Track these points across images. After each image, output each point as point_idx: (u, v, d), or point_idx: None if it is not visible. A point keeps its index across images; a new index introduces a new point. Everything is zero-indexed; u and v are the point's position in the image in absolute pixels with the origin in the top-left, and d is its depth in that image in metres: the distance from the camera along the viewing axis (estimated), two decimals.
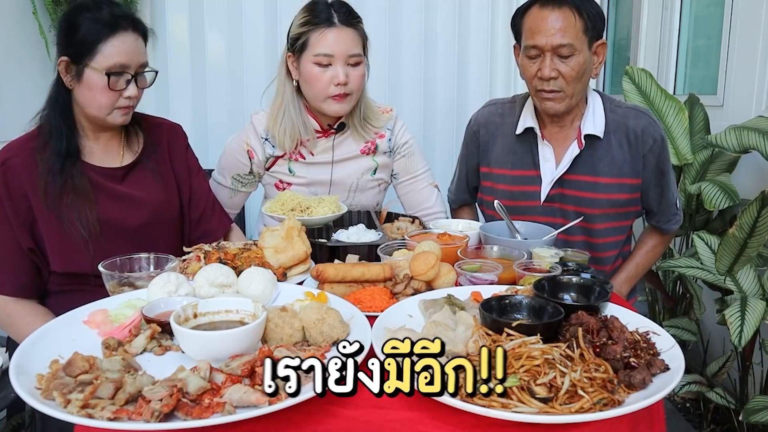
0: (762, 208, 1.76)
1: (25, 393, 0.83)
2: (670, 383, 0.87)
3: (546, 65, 1.58)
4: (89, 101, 1.45)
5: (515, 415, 0.80)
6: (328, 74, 1.70)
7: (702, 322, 2.54)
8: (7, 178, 1.42)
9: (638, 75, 2.41)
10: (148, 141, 1.61)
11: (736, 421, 2.14)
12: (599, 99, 1.73)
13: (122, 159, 1.56)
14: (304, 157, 1.85)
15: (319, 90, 1.72)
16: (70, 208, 1.44)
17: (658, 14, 3.05)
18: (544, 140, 1.73)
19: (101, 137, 1.54)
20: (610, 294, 1.09)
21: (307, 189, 1.87)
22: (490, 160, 1.84)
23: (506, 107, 1.84)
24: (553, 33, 1.56)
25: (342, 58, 1.69)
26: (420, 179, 1.98)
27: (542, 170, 1.74)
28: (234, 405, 0.81)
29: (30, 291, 1.47)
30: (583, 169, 1.69)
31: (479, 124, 1.87)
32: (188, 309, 1.02)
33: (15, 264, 1.44)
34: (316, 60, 1.69)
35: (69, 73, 1.44)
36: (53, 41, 2.67)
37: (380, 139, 1.89)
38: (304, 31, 1.71)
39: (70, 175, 1.44)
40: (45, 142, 1.46)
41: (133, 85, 1.45)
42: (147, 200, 1.55)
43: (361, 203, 1.92)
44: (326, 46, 1.68)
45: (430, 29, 3.03)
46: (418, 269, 1.27)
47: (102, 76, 1.41)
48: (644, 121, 1.68)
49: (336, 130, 1.84)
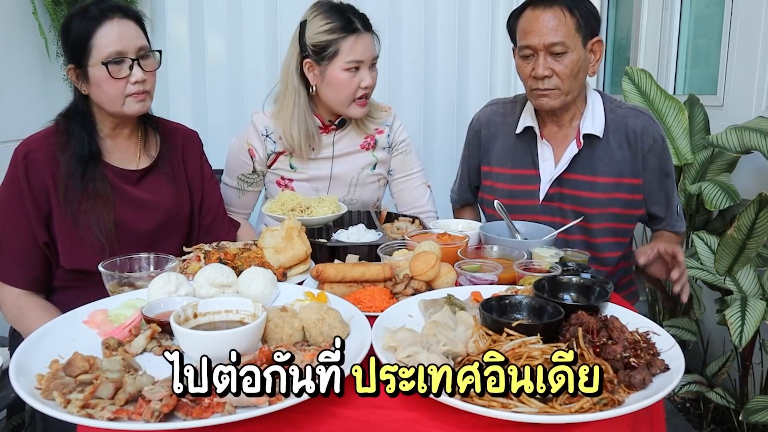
0: (760, 210, 1.76)
1: (25, 393, 0.83)
2: (670, 383, 0.87)
3: (540, 64, 1.59)
4: (101, 98, 1.46)
5: (515, 415, 0.80)
6: (357, 79, 1.77)
7: (702, 322, 2.54)
8: (29, 171, 1.44)
9: (638, 75, 2.42)
10: (165, 146, 1.63)
11: (736, 421, 2.14)
12: (599, 98, 1.73)
13: (138, 162, 1.58)
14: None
15: (348, 94, 1.78)
16: (88, 213, 1.45)
17: (658, 14, 3.05)
18: (543, 139, 1.73)
19: (120, 139, 1.55)
20: (610, 294, 1.09)
21: (308, 184, 1.90)
22: (490, 159, 1.85)
23: (507, 107, 1.85)
24: (545, 32, 1.58)
25: (368, 63, 1.78)
26: (415, 177, 2.02)
27: (541, 169, 1.74)
28: (234, 405, 0.81)
29: (40, 285, 1.49)
30: (581, 169, 1.69)
31: (481, 123, 1.89)
32: (188, 309, 1.02)
33: (29, 257, 1.46)
34: (347, 66, 1.75)
35: (79, 79, 1.46)
36: (53, 41, 2.68)
37: (379, 135, 1.94)
38: (333, 39, 1.74)
39: (92, 179, 1.47)
40: (65, 142, 1.47)
41: (138, 69, 1.45)
42: (159, 204, 1.56)
43: (362, 198, 1.94)
44: (359, 53, 1.75)
45: (430, 30, 3.02)
46: (418, 269, 1.27)
47: (102, 68, 1.41)
48: (644, 121, 1.68)
49: (337, 126, 1.89)
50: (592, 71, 1.67)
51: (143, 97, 1.48)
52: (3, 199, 1.46)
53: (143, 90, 1.47)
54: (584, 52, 1.62)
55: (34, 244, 1.45)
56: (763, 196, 1.72)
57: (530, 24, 1.61)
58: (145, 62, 1.47)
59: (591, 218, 1.70)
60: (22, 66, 2.54)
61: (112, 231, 1.47)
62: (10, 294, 1.46)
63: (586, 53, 1.62)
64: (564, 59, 1.59)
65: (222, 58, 2.96)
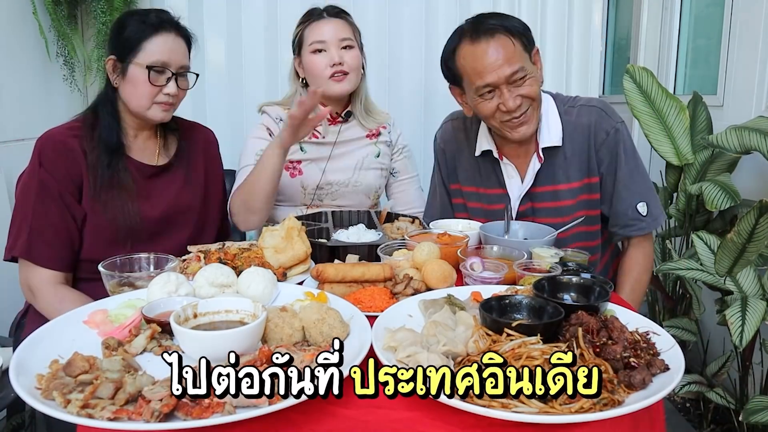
0: (760, 216, 1.75)
1: (25, 393, 0.83)
2: (670, 383, 0.87)
3: (507, 98, 1.52)
4: (131, 95, 1.55)
5: (515, 415, 0.80)
6: (325, 59, 1.88)
7: (702, 322, 2.54)
8: (67, 157, 1.50)
9: (639, 74, 2.39)
10: (183, 144, 1.72)
11: (736, 421, 2.14)
12: (552, 103, 1.67)
13: (157, 160, 1.66)
14: (317, 136, 1.98)
15: (319, 74, 1.88)
16: (115, 201, 1.53)
17: (658, 14, 3.05)
18: (504, 159, 1.70)
19: (141, 137, 1.64)
20: (610, 294, 1.09)
21: (315, 165, 1.97)
22: (458, 177, 1.83)
23: (467, 122, 1.80)
24: (499, 65, 1.50)
25: (334, 43, 1.88)
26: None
27: (509, 187, 1.72)
28: (234, 405, 0.81)
29: (71, 266, 1.55)
30: (544, 181, 1.67)
31: (444, 140, 1.85)
32: (188, 309, 1.02)
33: (60, 239, 1.51)
34: (312, 48, 1.89)
35: (115, 71, 1.56)
36: (53, 41, 2.68)
37: (383, 129, 2.08)
38: (300, 29, 1.94)
39: (116, 169, 1.55)
40: (90, 133, 1.55)
41: (173, 84, 1.56)
42: (173, 202, 1.64)
43: (364, 182, 2.00)
44: (318, 34, 1.89)
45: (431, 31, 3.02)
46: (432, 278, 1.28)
47: (144, 70, 1.52)
48: (596, 116, 1.63)
49: (343, 118, 2.00)
50: (542, 80, 1.61)
51: (168, 108, 1.59)
52: (28, 186, 1.51)
53: (170, 102, 1.57)
54: (534, 68, 1.57)
55: (64, 226, 1.50)
56: (764, 203, 1.72)
57: (480, 61, 1.51)
58: (181, 80, 1.60)
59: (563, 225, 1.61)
60: (22, 66, 2.54)
61: (137, 220, 1.55)
62: (48, 280, 1.50)
63: (535, 67, 1.58)
64: (526, 82, 1.53)
65: (221, 59, 2.95)
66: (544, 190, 1.68)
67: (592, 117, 1.63)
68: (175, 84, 1.56)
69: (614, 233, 1.71)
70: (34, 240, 1.48)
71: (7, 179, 2.35)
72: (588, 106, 1.66)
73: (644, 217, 1.65)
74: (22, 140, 2.48)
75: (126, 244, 1.53)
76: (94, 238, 1.54)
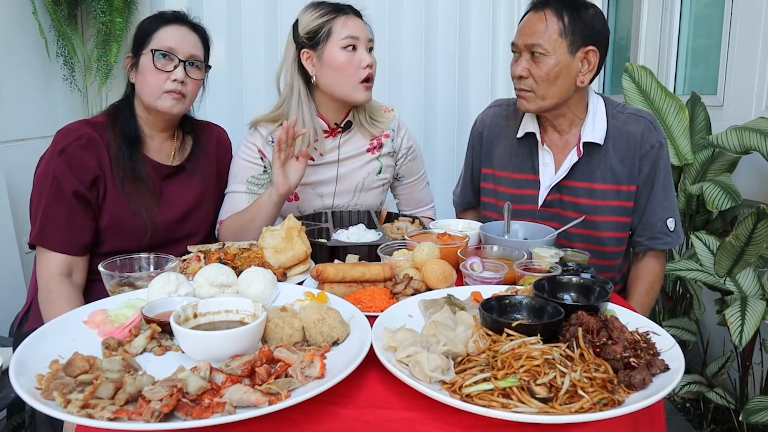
0: (758, 222, 1.76)
1: (25, 393, 0.83)
2: (670, 383, 0.87)
3: (519, 63, 1.62)
4: (142, 86, 1.57)
5: (515, 415, 0.80)
6: (356, 58, 1.74)
7: (702, 322, 2.54)
8: (88, 148, 1.52)
9: (638, 73, 2.39)
10: (198, 144, 1.74)
11: (736, 421, 2.14)
12: (602, 104, 1.70)
13: (172, 161, 1.68)
14: (313, 159, 1.84)
15: (351, 74, 1.73)
16: (135, 194, 1.55)
17: (658, 14, 3.05)
18: (544, 145, 1.73)
19: (158, 138, 1.66)
20: (610, 294, 1.09)
21: (313, 191, 1.87)
22: (492, 162, 1.84)
23: (510, 109, 1.84)
24: (526, 33, 1.60)
25: (364, 43, 1.76)
26: (421, 179, 2.08)
27: (541, 175, 1.73)
28: (234, 405, 0.81)
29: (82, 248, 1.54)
30: (580, 176, 1.68)
31: (484, 125, 1.88)
32: (188, 309, 1.02)
33: (75, 226, 1.51)
34: (344, 44, 1.72)
35: (132, 67, 1.59)
36: (53, 41, 2.68)
37: (385, 139, 1.93)
38: (326, 20, 1.74)
39: (136, 162, 1.56)
40: (112, 126, 1.57)
41: (181, 69, 1.55)
42: (185, 201, 1.66)
43: (365, 203, 1.93)
44: (352, 29, 1.74)
45: (431, 30, 3.02)
46: (432, 278, 1.28)
47: (149, 56, 1.53)
48: (643, 126, 1.66)
49: (343, 129, 1.86)
50: (582, 80, 1.61)
51: (179, 97, 1.57)
52: (45, 173, 1.51)
53: (180, 90, 1.56)
54: (570, 59, 1.58)
55: (77, 212, 1.50)
56: (761, 209, 1.72)
57: (522, 23, 1.64)
58: (191, 69, 1.59)
59: (595, 225, 1.67)
60: (22, 66, 2.54)
61: (157, 213, 1.57)
62: (49, 265, 1.48)
63: (573, 61, 1.58)
64: (541, 62, 1.58)
65: (221, 60, 2.96)
66: (578, 185, 1.69)
67: (640, 126, 1.66)
68: (183, 70, 1.56)
69: (638, 243, 1.74)
70: (47, 224, 1.49)
71: (8, 179, 2.35)
72: (637, 115, 1.69)
73: (671, 233, 1.71)
74: (22, 140, 2.49)
75: (145, 238, 1.55)
76: (115, 232, 1.55)
